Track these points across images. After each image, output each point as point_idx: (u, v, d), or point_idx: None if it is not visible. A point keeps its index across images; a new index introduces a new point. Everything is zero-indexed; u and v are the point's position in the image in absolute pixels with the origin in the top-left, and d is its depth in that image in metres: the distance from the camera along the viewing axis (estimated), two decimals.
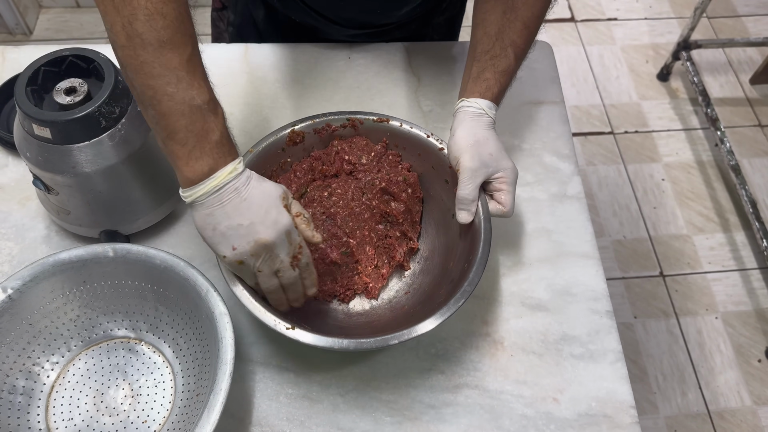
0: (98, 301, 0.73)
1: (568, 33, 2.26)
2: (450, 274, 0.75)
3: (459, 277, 0.71)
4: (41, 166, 0.71)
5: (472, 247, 0.73)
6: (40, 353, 0.71)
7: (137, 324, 0.74)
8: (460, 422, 0.72)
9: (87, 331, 0.73)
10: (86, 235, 0.80)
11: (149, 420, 0.69)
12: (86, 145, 0.69)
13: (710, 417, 1.57)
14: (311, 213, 0.78)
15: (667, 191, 1.93)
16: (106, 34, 0.59)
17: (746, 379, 1.63)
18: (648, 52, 2.23)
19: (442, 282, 0.76)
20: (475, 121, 0.75)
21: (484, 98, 0.75)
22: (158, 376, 0.72)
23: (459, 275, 0.72)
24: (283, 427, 0.71)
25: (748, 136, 2.03)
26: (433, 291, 0.76)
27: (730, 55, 2.21)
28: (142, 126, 0.73)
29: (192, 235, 0.83)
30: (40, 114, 0.67)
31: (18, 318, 0.69)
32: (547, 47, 1.03)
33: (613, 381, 0.75)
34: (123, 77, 0.66)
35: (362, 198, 0.80)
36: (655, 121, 2.06)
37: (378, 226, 0.80)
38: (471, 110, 0.75)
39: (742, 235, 1.85)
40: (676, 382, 1.62)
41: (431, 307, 0.70)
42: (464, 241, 0.75)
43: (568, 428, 0.72)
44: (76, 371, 0.72)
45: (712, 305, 1.73)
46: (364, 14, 0.94)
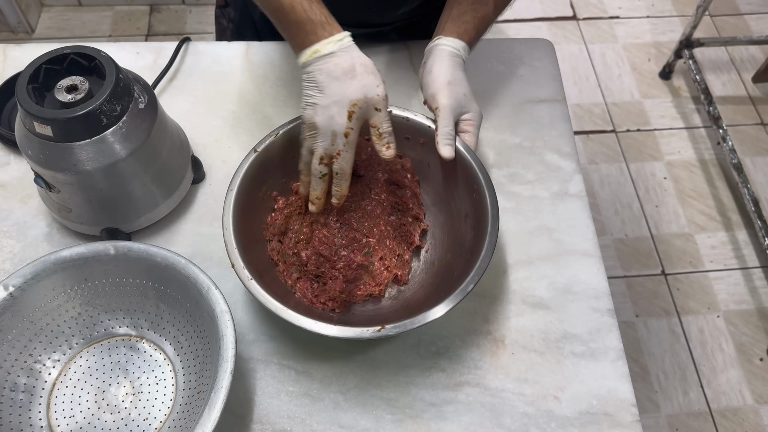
0: (99, 298, 0.73)
1: (570, 31, 2.26)
2: (462, 241, 0.77)
3: (473, 243, 0.74)
4: (42, 164, 0.71)
5: (479, 214, 0.74)
6: (42, 351, 0.71)
7: (138, 322, 0.74)
8: (461, 420, 0.72)
9: (88, 329, 0.73)
10: (88, 233, 0.80)
11: (150, 417, 0.70)
12: (87, 143, 0.69)
13: (712, 416, 1.57)
14: (328, 224, 0.79)
15: (669, 190, 1.92)
16: (108, 32, 0.60)
17: (748, 377, 1.63)
18: (650, 50, 2.22)
19: (456, 250, 0.78)
20: (451, 60, 0.77)
21: (461, 39, 0.78)
22: (159, 374, 0.72)
23: (471, 242, 0.75)
24: (284, 424, 0.71)
25: (750, 134, 2.03)
26: (451, 261, 0.78)
27: (732, 53, 2.21)
28: (143, 124, 0.73)
29: (194, 233, 0.83)
30: (42, 112, 0.67)
31: (19, 316, 0.69)
32: (548, 45, 1.03)
33: (614, 379, 0.75)
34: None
35: (371, 194, 0.80)
36: (657, 120, 2.06)
37: (391, 217, 0.81)
38: (448, 49, 0.77)
39: (744, 234, 1.84)
40: (677, 381, 1.61)
41: (451, 280, 0.72)
42: (469, 210, 0.78)
43: (569, 426, 0.72)
44: (78, 369, 0.72)
45: (714, 304, 1.73)
46: (360, 13, 0.94)
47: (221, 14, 1.10)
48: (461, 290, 0.68)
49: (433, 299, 0.69)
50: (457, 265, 0.75)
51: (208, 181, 0.87)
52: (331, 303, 0.75)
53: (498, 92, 0.97)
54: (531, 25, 2.25)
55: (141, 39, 2.15)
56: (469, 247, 0.75)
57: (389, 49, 1.00)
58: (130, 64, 0.81)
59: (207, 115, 0.93)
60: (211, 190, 0.86)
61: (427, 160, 0.81)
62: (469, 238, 0.76)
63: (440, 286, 0.75)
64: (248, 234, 0.74)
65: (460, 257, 0.76)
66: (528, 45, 1.02)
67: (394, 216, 0.81)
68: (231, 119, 0.93)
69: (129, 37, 2.16)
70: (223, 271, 0.79)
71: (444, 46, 0.78)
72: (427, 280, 0.79)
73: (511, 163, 0.91)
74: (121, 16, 2.22)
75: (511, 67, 1.00)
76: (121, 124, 0.71)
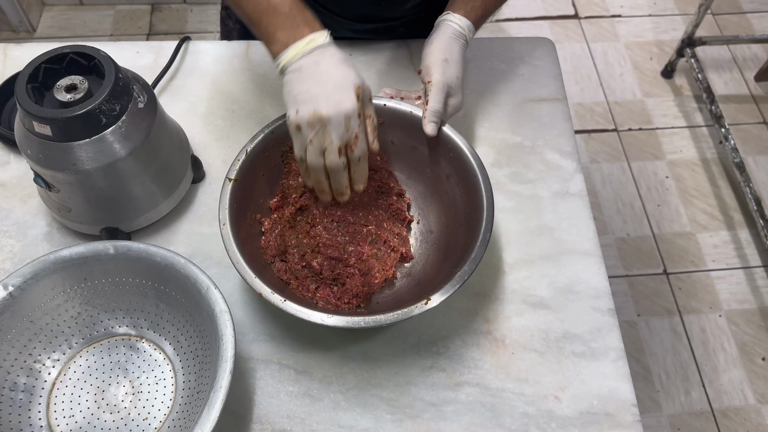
0: (99, 298, 0.73)
1: (572, 30, 2.25)
2: (453, 201, 0.79)
3: (466, 198, 0.76)
4: (42, 163, 0.71)
5: (471, 194, 0.75)
6: (42, 350, 0.71)
7: (138, 321, 0.74)
8: (461, 420, 0.72)
9: (88, 329, 0.73)
10: (87, 233, 0.80)
11: (150, 417, 0.69)
12: (87, 142, 0.69)
13: (714, 415, 1.57)
14: (327, 226, 0.78)
15: (671, 189, 1.92)
16: (109, 31, 0.60)
17: (750, 377, 1.62)
18: (652, 49, 2.22)
19: (450, 211, 0.80)
20: (453, 40, 0.79)
21: (467, 18, 0.80)
22: (159, 374, 0.72)
23: (464, 197, 0.77)
24: (284, 424, 0.71)
25: (752, 133, 2.02)
26: (449, 224, 0.80)
27: (734, 51, 2.20)
28: (142, 123, 0.73)
29: (194, 232, 0.83)
30: (41, 111, 0.67)
31: (19, 315, 0.69)
32: (550, 44, 1.02)
33: (614, 379, 0.74)
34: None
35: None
36: (659, 119, 2.06)
37: (378, 201, 0.82)
38: (453, 27, 0.79)
39: (746, 233, 1.84)
40: (679, 381, 1.61)
41: (455, 250, 0.74)
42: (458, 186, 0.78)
43: (570, 426, 0.71)
44: (77, 368, 0.72)
45: (716, 303, 1.73)
46: (368, 6, 0.94)
47: (227, 15, 1.10)
48: (482, 241, 0.69)
49: (445, 269, 0.72)
50: (456, 227, 0.77)
51: (208, 181, 0.87)
52: (356, 300, 0.75)
53: (499, 91, 0.97)
54: (532, 24, 2.25)
55: (142, 38, 2.15)
56: (463, 204, 0.77)
57: (390, 47, 1.00)
58: (130, 63, 0.81)
59: (207, 115, 0.93)
60: (210, 189, 0.86)
61: (390, 138, 0.82)
62: (459, 195, 0.78)
63: (448, 253, 0.77)
64: (255, 262, 0.72)
65: (458, 217, 0.77)
66: (529, 44, 1.02)
67: (380, 199, 0.82)
68: (231, 118, 0.93)
69: (130, 36, 2.16)
70: (222, 271, 0.79)
71: (450, 22, 0.79)
72: (430, 250, 0.81)
73: (511, 162, 0.90)
74: (122, 15, 2.22)
75: (512, 65, 0.99)
76: (121, 124, 0.71)
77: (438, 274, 0.75)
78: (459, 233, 0.76)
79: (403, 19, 0.99)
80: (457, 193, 0.78)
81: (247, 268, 0.68)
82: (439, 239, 0.80)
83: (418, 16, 0.99)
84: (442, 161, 0.79)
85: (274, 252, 0.78)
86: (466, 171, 0.76)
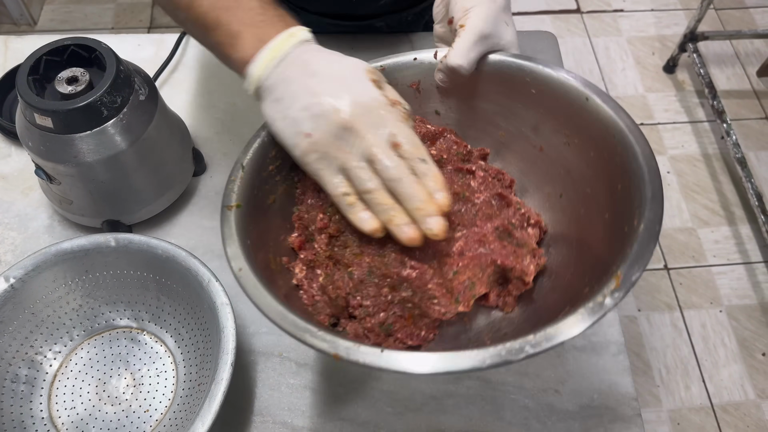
0: (100, 290, 0.73)
1: (574, 24, 2.25)
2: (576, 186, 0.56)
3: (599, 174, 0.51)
4: (43, 155, 0.71)
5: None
6: (43, 342, 0.71)
7: (139, 314, 0.74)
8: (461, 413, 0.72)
9: (89, 321, 0.74)
10: (89, 225, 0.80)
11: (151, 409, 0.70)
12: (88, 134, 0.69)
13: (714, 410, 1.57)
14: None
15: (673, 184, 1.92)
16: (110, 24, 0.59)
17: (750, 372, 1.62)
18: (654, 43, 2.21)
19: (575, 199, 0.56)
20: None
21: None
22: (160, 366, 0.72)
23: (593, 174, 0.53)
24: (284, 417, 0.71)
25: (754, 128, 2.02)
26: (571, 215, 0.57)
27: (737, 47, 2.19)
28: (144, 116, 0.73)
29: (195, 225, 0.83)
30: (42, 103, 0.67)
31: (20, 307, 0.69)
32: (552, 38, 1.02)
33: (615, 373, 0.75)
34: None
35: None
36: (660, 114, 2.05)
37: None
38: None
39: (747, 229, 1.84)
40: (679, 376, 1.61)
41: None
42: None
43: (570, 420, 0.72)
44: (79, 360, 0.72)
45: (717, 299, 1.73)
46: (339, 5, 0.92)
47: None
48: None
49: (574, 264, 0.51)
50: (577, 201, 0.55)
51: (209, 174, 0.87)
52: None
53: None
54: (534, 18, 2.24)
55: (143, 31, 2.14)
56: (578, 161, 0.54)
57: (392, 41, 0.99)
58: (131, 56, 0.81)
59: (208, 108, 0.93)
60: (212, 182, 0.86)
61: (432, 107, 0.63)
62: (564, 147, 0.55)
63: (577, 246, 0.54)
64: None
65: (575, 186, 0.55)
66: (531, 38, 1.02)
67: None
68: (233, 111, 0.92)
69: (131, 29, 2.15)
70: (223, 264, 0.79)
71: None
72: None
73: None
74: (123, 9, 2.21)
75: None
76: (122, 116, 0.71)
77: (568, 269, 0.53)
78: (585, 208, 0.54)
79: (385, 18, 0.97)
80: (560, 141, 0.55)
81: (307, 325, 0.46)
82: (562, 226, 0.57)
83: (398, 13, 0.98)
84: (519, 109, 0.57)
85: (329, 309, 0.55)
86: (572, 101, 0.52)
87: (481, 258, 0.52)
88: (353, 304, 0.53)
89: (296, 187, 0.60)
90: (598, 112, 0.53)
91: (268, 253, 0.54)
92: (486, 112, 0.60)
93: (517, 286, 0.55)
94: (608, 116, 0.52)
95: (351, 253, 0.54)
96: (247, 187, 0.55)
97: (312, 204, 0.58)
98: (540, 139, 0.58)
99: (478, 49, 0.56)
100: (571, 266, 0.54)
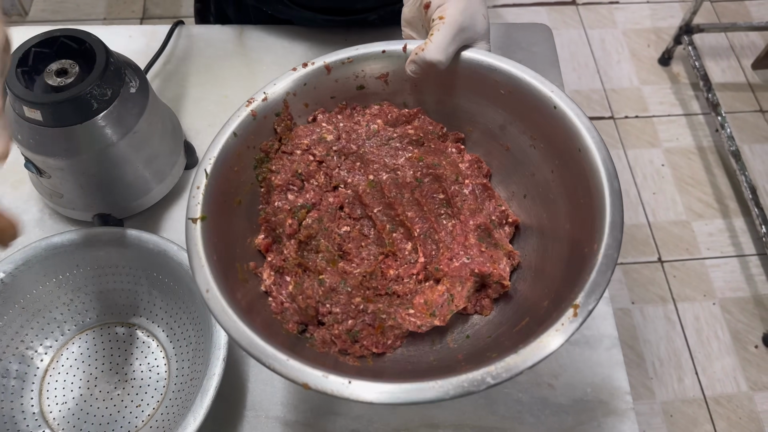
0: (91, 285, 0.72)
1: (569, 16, 2.24)
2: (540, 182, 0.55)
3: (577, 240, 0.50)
4: (33, 148, 0.70)
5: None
6: (34, 337, 0.71)
7: (131, 309, 0.74)
8: (454, 407, 0.72)
9: (81, 315, 0.73)
10: (79, 219, 0.79)
11: (143, 404, 0.69)
12: (78, 127, 0.68)
13: (706, 402, 1.58)
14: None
15: (667, 177, 1.92)
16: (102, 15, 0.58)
17: (743, 364, 1.63)
18: (650, 36, 2.21)
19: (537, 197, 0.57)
20: None
21: None
22: (152, 361, 0.72)
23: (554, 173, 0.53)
24: (277, 411, 0.71)
25: (749, 121, 2.02)
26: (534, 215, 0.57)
27: (732, 39, 2.19)
28: (135, 108, 0.72)
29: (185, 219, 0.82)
30: (31, 96, 0.66)
31: (11, 301, 0.68)
32: (547, 30, 1.01)
33: (608, 367, 0.75)
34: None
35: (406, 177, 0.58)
36: (655, 106, 2.05)
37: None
38: None
39: (741, 222, 1.84)
40: (672, 368, 1.62)
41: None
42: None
43: (563, 414, 0.72)
44: (70, 355, 0.72)
45: (710, 291, 1.73)
46: (336, 0, 0.92)
47: (203, 8, 1.09)
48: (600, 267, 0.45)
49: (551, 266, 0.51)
50: (538, 201, 0.55)
51: None
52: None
53: None
54: (530, 10, 2.23)
55: (136, 22, 2.13)
56: (541, 158, 0.54)
57: (386, 32, 0.98)
58: (122, 47, 0.80)
59: (200, 100, 0.92)
60: None
61: (403, 99, 0.62)
62: (529, 144, 0.54)
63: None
64: (275, 337, 0.50)
65: (540, 183, 0.55)
66: (526, 30, 1.01)
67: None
68: (225, 104, 0.92)
69: (124, 20, 2.13)
70: None
71: None
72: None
73: None
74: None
75: (509, 52, 0.98)
76: (112, 109, 0.70)
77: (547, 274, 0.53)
78: (548, 210, 0.54)
79: (378, 11, 0.97)
80: (526, 144, 0.55)
81: (276, 353, 0.45)
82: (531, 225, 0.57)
83: (392, 7, 0.97)
84: (487, 106, 0.57)
85: (297, 317, 0.54)
86: (540, 107, 0.53)
87: (461, 270, 0.53)
88: (322, 311, 0.53)
89: (261, 186, 0.59)
90: (565, 122, 0.52)
91: (235, 261, 0.53)
92: (455, 107, 0.60)
93: (496, 290, 0.55)
94: (575, 129, 0.51)
95: (323, 259, 0.55)
96: (212, 194, 0.53)
97: (279, 207, 0.57)
98: (507, 138, 0.58)
99: (456, 44, 0.56)
100: (543, 257, 0.55)
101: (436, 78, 0.58)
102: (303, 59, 0.96)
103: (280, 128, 0.60)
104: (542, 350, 0.44)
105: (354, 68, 0.61)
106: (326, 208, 0.58)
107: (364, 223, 0.59)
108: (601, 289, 0.45)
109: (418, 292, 0.54)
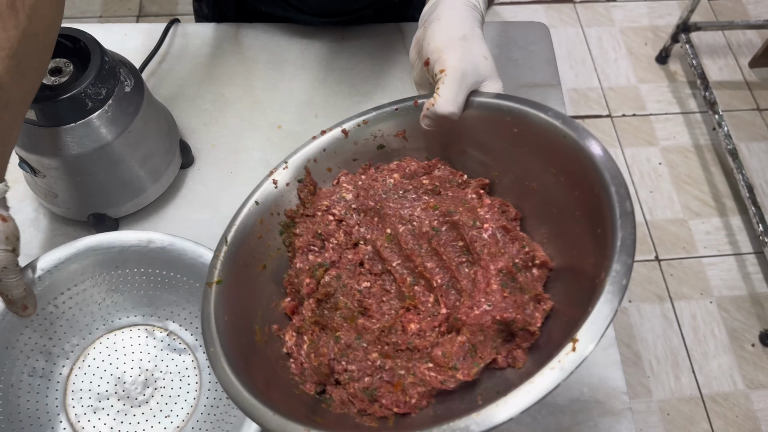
0: (126, 287, 0.71)
1: (567, 14, 2.24)
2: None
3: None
4: (27, 148, 0.69)
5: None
6: (62, 334, 0.70)
7: (164, 313, 0.73)
8: None
9: (110, 315, 0.72)
10: (75, 218, 0.79)
11: (172, 415, 0.68)
12: (72, 126, 0.68)
13: (703, 401, 1.58)
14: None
15: (664, 175, 1.92)
16: (98, 13, 0.58)
17: (739, 363, 1.63)
18: (647, 34, 2.21)
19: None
20: (467, 11, 0.58)
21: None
22: (182, 370, 0.71)
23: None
24: None
25: (746, 120, 2.02)
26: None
27: (729, 37, 2.19)
28: (130, 107, 0.72)
29: (182, 218, 0.82)
30: None
31: (44, 300, 0.67)
32: (544, 29, 1.01)
33: (605, 367, 0.74)
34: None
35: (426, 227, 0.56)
36: (653, 105, 2.05)
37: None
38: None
39: (738, 220, 1.84)
40: (669, 366, 1.62)
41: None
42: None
43: (560, 414, 0.71)
44: (97, 355, 0.71)
45: (707, 290, 1.74)
46: (331, 3, 0.92)
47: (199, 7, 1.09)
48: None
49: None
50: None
51: (197, 166, 0.86)
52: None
53: None
54: (527, 8, 2.23)
55: (132, 20, 2.12)
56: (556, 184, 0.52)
57: (382, 31, 0.98)
58: (117, 46, 0.80)
59: (196, 99, 0.91)
60: (200, 174, 0.85)
61: (415, 145, 0.63)
62: (566, 200, 0.52)
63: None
64: (289, 402, 0.50)
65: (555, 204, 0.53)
66: (523, 28, 1.01)
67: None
68: (221, 103, 0.91)
69: (120, 18, 2.13)
70: None
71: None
72: None
73: None
74: None
75: (506, 50, 0.98)
76: (107, 108, 0.69)
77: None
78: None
79: (373, 5, 0.97)
80: (549, 180, 0.54)
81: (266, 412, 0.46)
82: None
83: (387, 2, 0.97)
84: (506, 147, 0.56)
85: (314, 378, 0.53)
86: (550, 137, 0.52)
87: (481, 318, 0.49)
88: (338, 369, 0.52)
89: (288, 250, 0.60)
90: (575, 149, 0.51)
91: (254, 324, 0.55)
92: (475, 152, 0.60)
93: (524, 338, 0.50)
94: (585, 153, 0.50)
95: (340, 317, 0.55)
96: (231, 260, 0.56)
97: (300, 268, 0.58)
98: (530, 177, 0.56)
99: (464, 92, 0.55)
100: (577, 299, 0.49)
101: (452, 128, 0.57)
102: (299, 58, 0.96)
103: (303, 194, 0.62)
104: (533, 394, 0.42)
105: (371, 129, 0.62)
106: (345, 265, 0.58)
107: (385, 278, 0.58)
108: (604, 328, 0.43)
109: (438, 345, 0.51)
